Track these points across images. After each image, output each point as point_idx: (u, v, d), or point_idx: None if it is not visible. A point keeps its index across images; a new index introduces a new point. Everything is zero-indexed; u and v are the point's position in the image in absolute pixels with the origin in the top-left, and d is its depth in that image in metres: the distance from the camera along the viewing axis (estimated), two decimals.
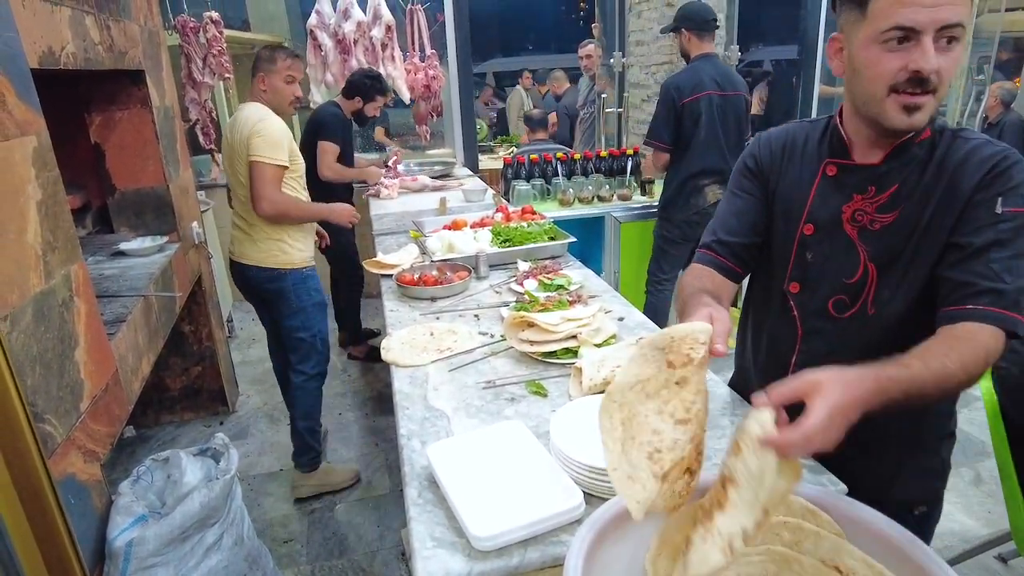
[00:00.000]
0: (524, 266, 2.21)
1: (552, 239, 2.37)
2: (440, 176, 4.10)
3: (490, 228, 2.49)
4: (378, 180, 3.74)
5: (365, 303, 3.95)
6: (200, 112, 4.07)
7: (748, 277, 1.28)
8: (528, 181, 3.65)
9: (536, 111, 4.60)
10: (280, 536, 2.41)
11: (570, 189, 3.57)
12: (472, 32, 4.29)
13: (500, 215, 2.76)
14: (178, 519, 1.48)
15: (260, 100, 2.36)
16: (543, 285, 1.98)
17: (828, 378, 0.75)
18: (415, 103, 4.47)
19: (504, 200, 3.47)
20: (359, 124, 3.72)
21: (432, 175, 4.04)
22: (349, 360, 3.81)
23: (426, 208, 3.21)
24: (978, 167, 0.97)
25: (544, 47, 10.74)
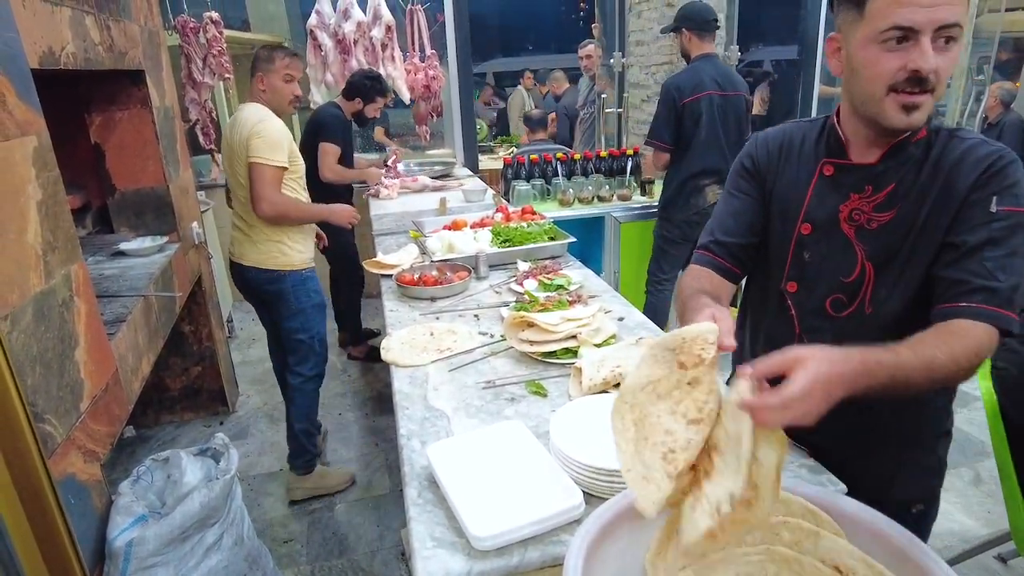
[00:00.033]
0: (524, 266, 2.21)
1: (552, 239, 2.37)
2: (440, 176, 4.11)
3: (490, 228, 2.49)
4: (378, 180, 3.74)
5: (365, 303, 3.95)
6: (200, 112, 4.07)
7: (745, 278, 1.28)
8: (528, 181, 3.65)
9: (536, 111, 4.59)
10: (280, 536, 2.41)
11: (570, 189, 3.57)
12: (472, 32, 4.28)
13: (500, 215, 2.76)
14: (178, 519, 1.48)
15: (259, 100, 2.36)
16: (543, 285, 1.99)
17: (813, 352, 0.76)
18: (415, 103, 4.47)
19: (504, 200, 3.47)
20: (359, 125, 3.73)
21: (432, 175, 4.04)
22: (349, 360, 3.81)
23: (426, 208, 3.21)
24: (974, 167, 0.97)
25: (544, 47, 10.73)
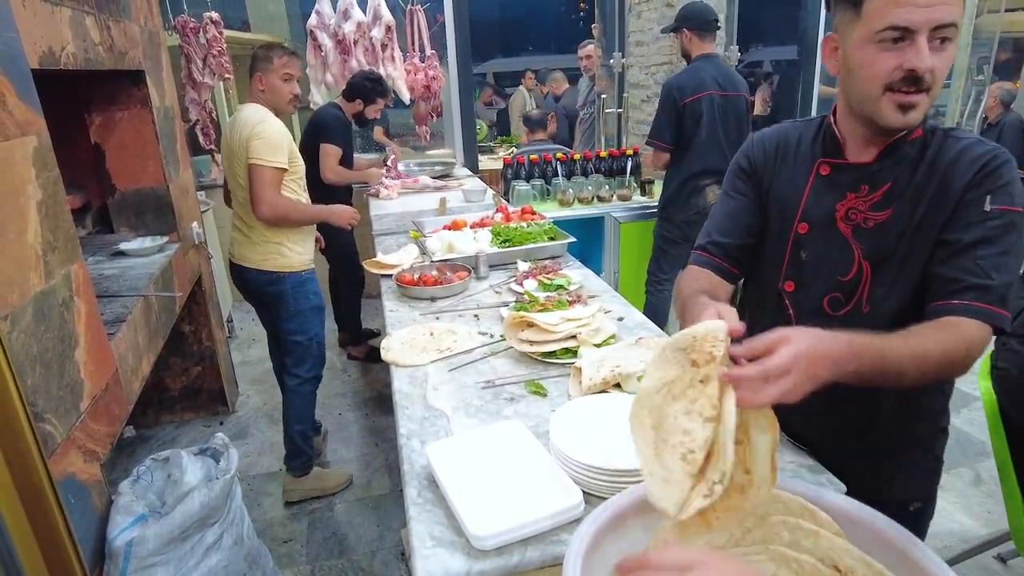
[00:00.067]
0: (524, 266, 2.21)
1: (552, 239, 2.37)
2: (440, 176, 4.11)
3: (490, 228, 2.49)
4: (379, 181, 3.74)
5: (365, 303, 3.95)
6: (200, 112, 4.07)
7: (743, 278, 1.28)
8: (528, 181, 3.65)
9: (535, 112, 4.59)
10: (280, 536, 2.41)
11: (570, 189, 3.57)
12: (472, 32, 4.28)
13: (500, 215, 2.76)
14: (178, 519, 1.48)
15: (259, 100, 2.35)
16: (543, 285, 1.99)
17: (800, 331, 0.77)
18: (415, 103, 4.47)
19: (504, 200, 3.47)
20: (360, 126, 3.73)
21: (432, 175, 4.04)
22: (349, 360, 3.81)
23: (426, 208, 3.21)
24: (969, 166, 0.98)
25: (544, 47, 10.72)
